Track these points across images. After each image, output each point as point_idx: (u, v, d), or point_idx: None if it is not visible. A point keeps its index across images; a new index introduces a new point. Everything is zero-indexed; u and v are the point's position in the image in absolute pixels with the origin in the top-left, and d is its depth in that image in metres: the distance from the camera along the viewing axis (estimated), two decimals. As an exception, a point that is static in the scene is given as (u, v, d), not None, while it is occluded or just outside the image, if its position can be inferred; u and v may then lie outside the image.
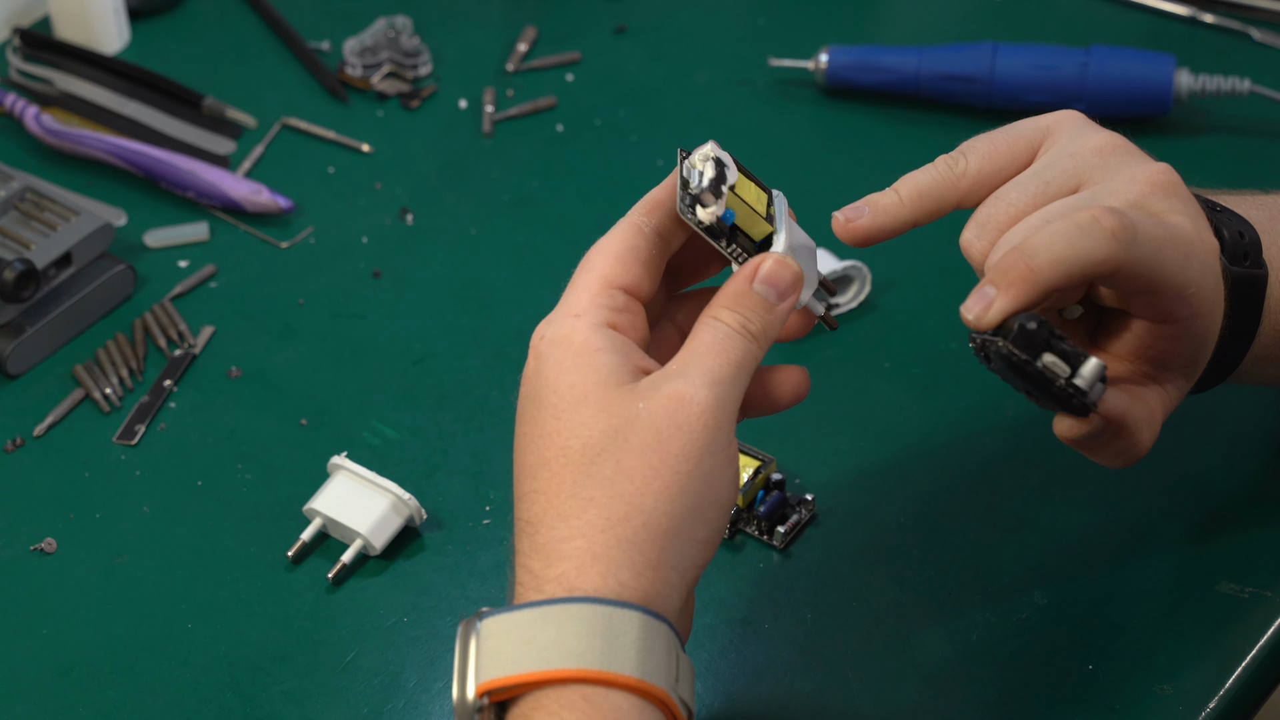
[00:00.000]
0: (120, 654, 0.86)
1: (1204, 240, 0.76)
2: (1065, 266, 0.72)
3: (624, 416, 0.71)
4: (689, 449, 0.71)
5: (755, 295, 0.74)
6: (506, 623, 0.70)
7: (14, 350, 0.99)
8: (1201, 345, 0.77)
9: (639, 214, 0.76)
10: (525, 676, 0.69)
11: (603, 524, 0.70)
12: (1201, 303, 0.76)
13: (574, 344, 0.72)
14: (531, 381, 0.73)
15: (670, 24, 1.24)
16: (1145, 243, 0.73)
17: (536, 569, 0.71)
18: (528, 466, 0.72)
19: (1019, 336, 0.71)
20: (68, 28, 1.20)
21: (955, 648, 0.86)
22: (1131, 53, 1.13)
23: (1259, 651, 0.85)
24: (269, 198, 1.09)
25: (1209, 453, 0.95)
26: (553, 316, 0.74)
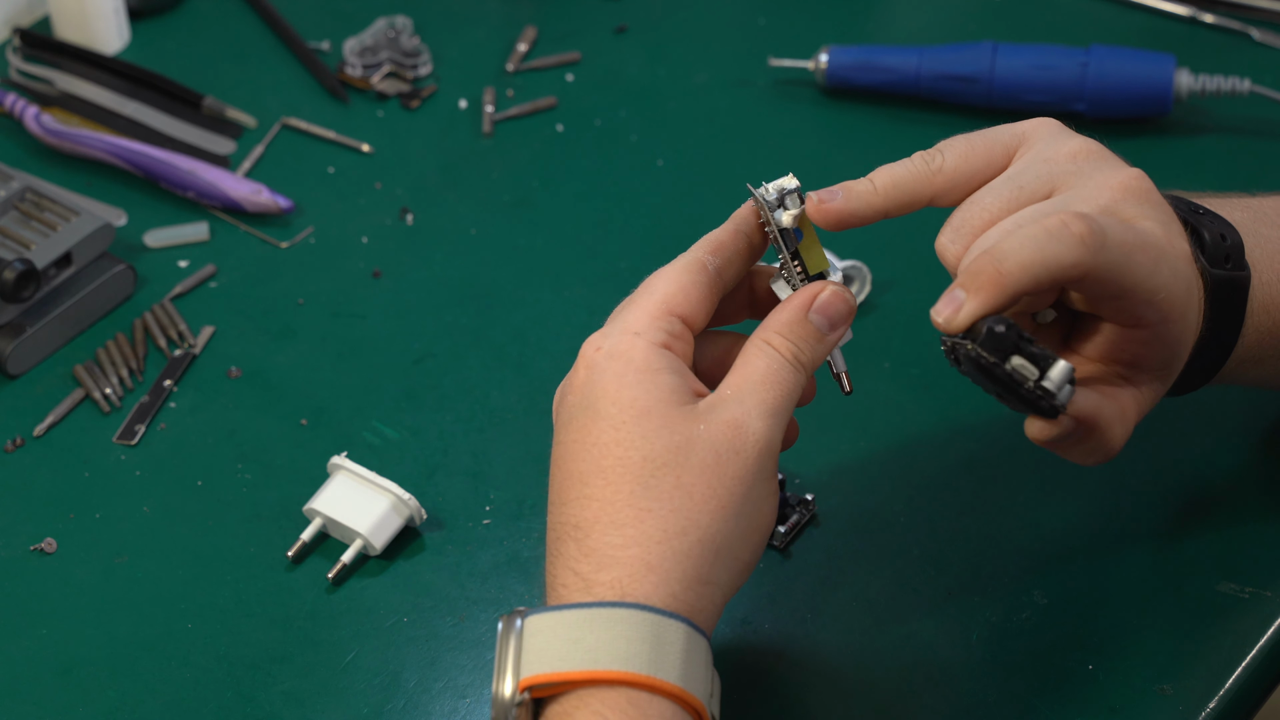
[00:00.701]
0: (120, 654, 0.86)
1: (1174, 246, 0.76)
2: (1034, 271, 0.72)
3: (686, 435, 0.72)
4: (744, 474, 0.73)
5: (809, 324, 0.76)
6: (554, 620, 0.70)
7: (14, 350, 0.99)
8: (1174, 349, 0.77)
9: (703, 250, 0.78)
10: (572, 675, 0.69)
11: (660, 535, 0.72)
12: (1172, 307, 0.76)
13: (635, 360, 0.74)
14: (583, 391, 0.74)
15: (670, 24, 1.24)
16: (1114, 248, 0.73)
17: (586, 572, 0.72)
18: (578, 473, 0.73)
19: (987, 339, 0.72)
20: (68, 28, 1.20)
21: (955, 648, 0.86)
22: (1131, 53, 1.13)
23: (1259, 651, 0.85)
24: (269, 198, 1.09)
25: (1209, 453, 0.95)
26: (608, 331, 0.76)
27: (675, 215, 1.10)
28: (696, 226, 1.08)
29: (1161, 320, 0.76)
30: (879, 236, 1.08)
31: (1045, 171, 0.78)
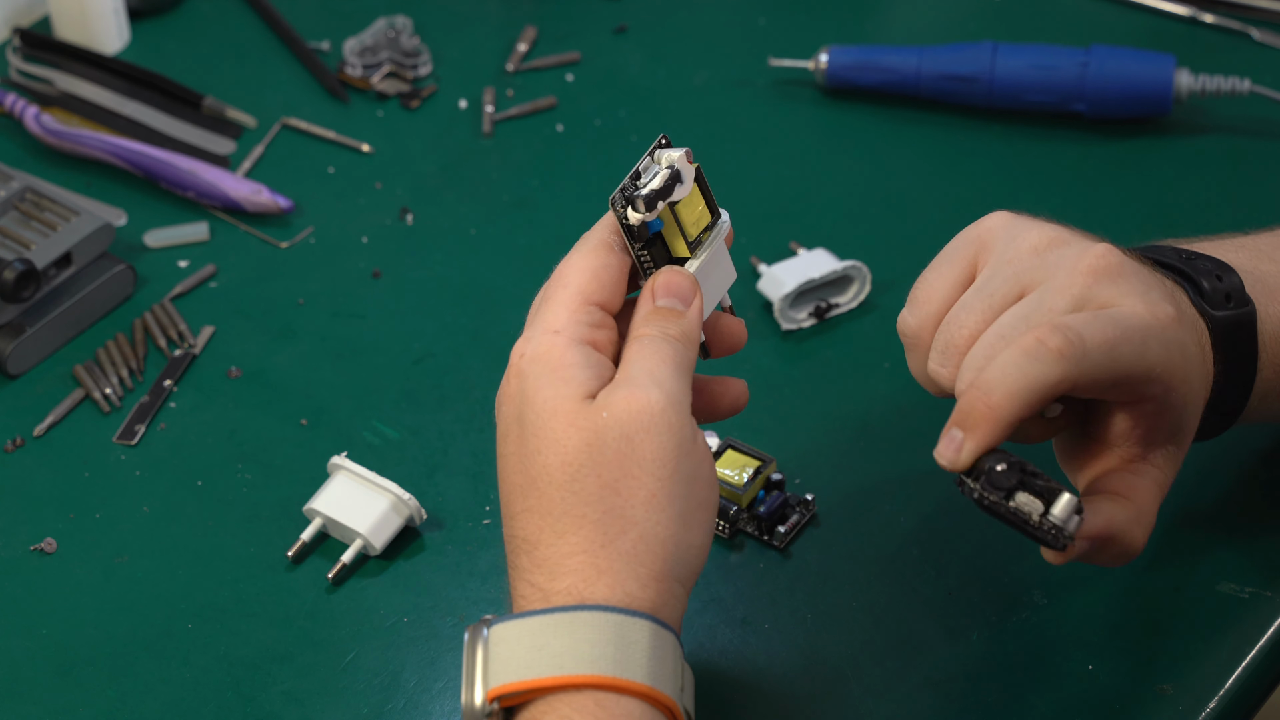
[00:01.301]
0: (120, 654, 0.86)
1: (1158, 315, 0.75)
2: (1023, 397, 0.73)
3: (593, 429, 0.72)
4: (662, 453, 0.72)
5: (662, 309, 0.76)
6: (517, 629, 0.71)
7: (14, 350, 0.99)
8: (1183, 414, 0.77)
9: (607, 230, 0.77)
10: (538, 682, 0.69)
11: (601, 539, 0.71)
12: (1171, 376, 0.75)
13: (553, 360, 0.74)
14: (515, 401, 0.74)
15: (670, 24, 1.24)
16: (1096, 350, 0.73)
17: (540, 582, 0.72)
18: (517, 486, 0.73)
19: (989, 480, 0.73)
20: (68, 28, 1.20)
21: (955, 648, 0.86)
22: (1131, 53, 1.13)
23: (1259, 651, 0.85)
24: (269, 198, 1.09)
25: (1209, 453, 0.95)
26: (530, 334, 0.75)
27: (675, 215, 1.10)
28: (696, 226, 1.09)
29: (1165, 392, 0.76)
30: (879, 237, 1.08)
31: (1011, 273, 0.77)
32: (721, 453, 0.92)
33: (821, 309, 1.02)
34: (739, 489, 0.89)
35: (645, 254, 0.77)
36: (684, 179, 0.76)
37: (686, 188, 0.77)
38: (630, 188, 0.76)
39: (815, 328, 1.02)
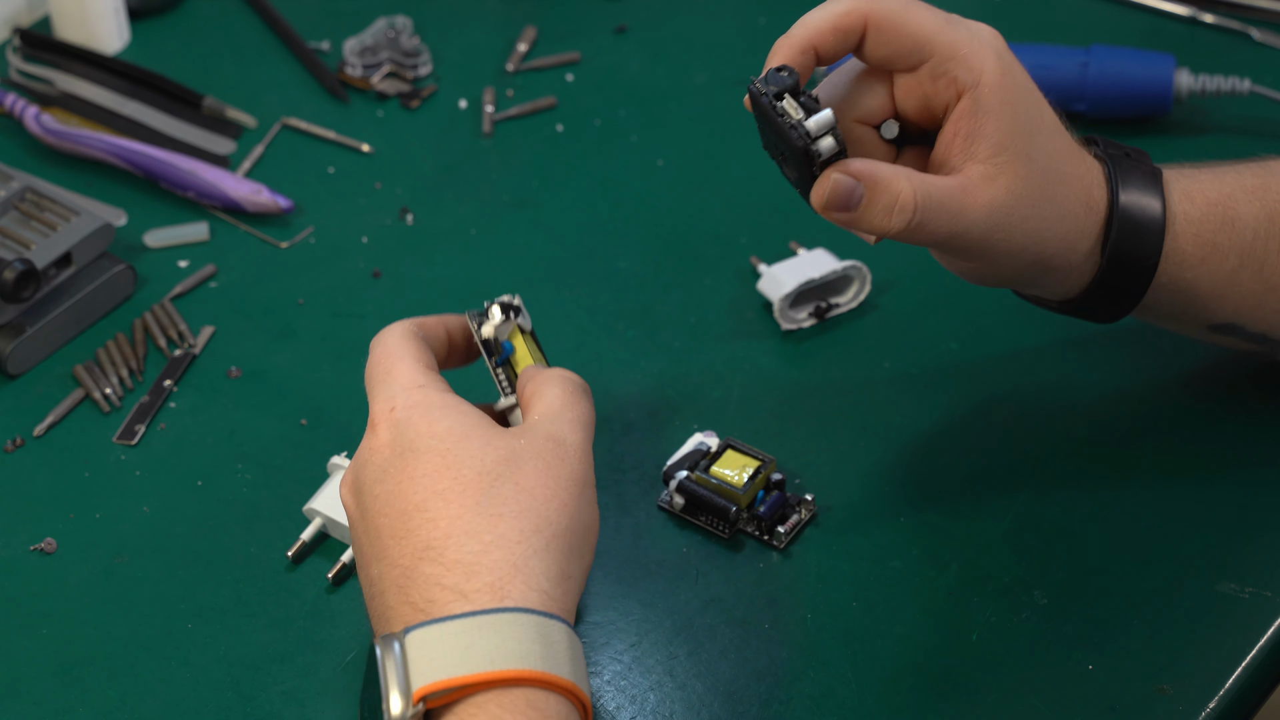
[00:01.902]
0: (120, 654, 0.86)
1: (977, 24, 0.82)
2: (813, 24, 0.79)
3: (510, 449, 0.76)
4: (574, 476, 0.77)
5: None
6: (439, 632, 0.71)
7: (14, 350, 0.99)
8: (998, 121, 0.80)
9: (410, 325, 0.84)
10: (470, 678, 0.70)
11: (517, 535, 0.74)
12: (986, 69, 0.80)
13: (434, 402, 0.78)
14: (393, 445, 0.77)
15: (670, 24, 1.24)
16: (890, 1, 0.79)
17: (454, 583, 0.73)
18: (414, 505, 0.75)
19: (769, 75, 0.79)
20: (68, 28, 1.20)
21: (955, 648, 0.86)
22: (1131, 53, 1.13)
23: (1259, 651, 0.85)
24: (269, 198, 1.09)
25: (1209, 452, 0.95)
26: (392, 397, 0.79)
27: (675, 215, 1.10)
28: (697, 226, 1.09)
29: (978, 81, 0.79)
30: (879, 236, 1.08)
31: None
32: (721, 453, 0.92)
33: (821, 309, 1.02)
34: (739, 489, 0.89)
35: (499, 371, 0.87)
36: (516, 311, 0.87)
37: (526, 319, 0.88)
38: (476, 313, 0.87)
39: (815, 328, 1.02)
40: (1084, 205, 0.83)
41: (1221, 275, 0.86)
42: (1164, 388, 0.97)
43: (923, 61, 0.80)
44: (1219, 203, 0.86)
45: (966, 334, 1.01)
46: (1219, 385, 0.97)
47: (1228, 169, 0.89)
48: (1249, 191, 0.87)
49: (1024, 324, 1.00)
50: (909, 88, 0.81)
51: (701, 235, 1.09)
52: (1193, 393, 0.97)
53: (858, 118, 0.82)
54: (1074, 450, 0.95)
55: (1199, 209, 0.86)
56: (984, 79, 0.79)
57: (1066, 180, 0.82)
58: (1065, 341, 0.99)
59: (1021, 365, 0.99)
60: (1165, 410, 0.97)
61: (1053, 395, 0.98)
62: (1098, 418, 0.96)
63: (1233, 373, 0.97)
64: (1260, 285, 0.87)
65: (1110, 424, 0.96)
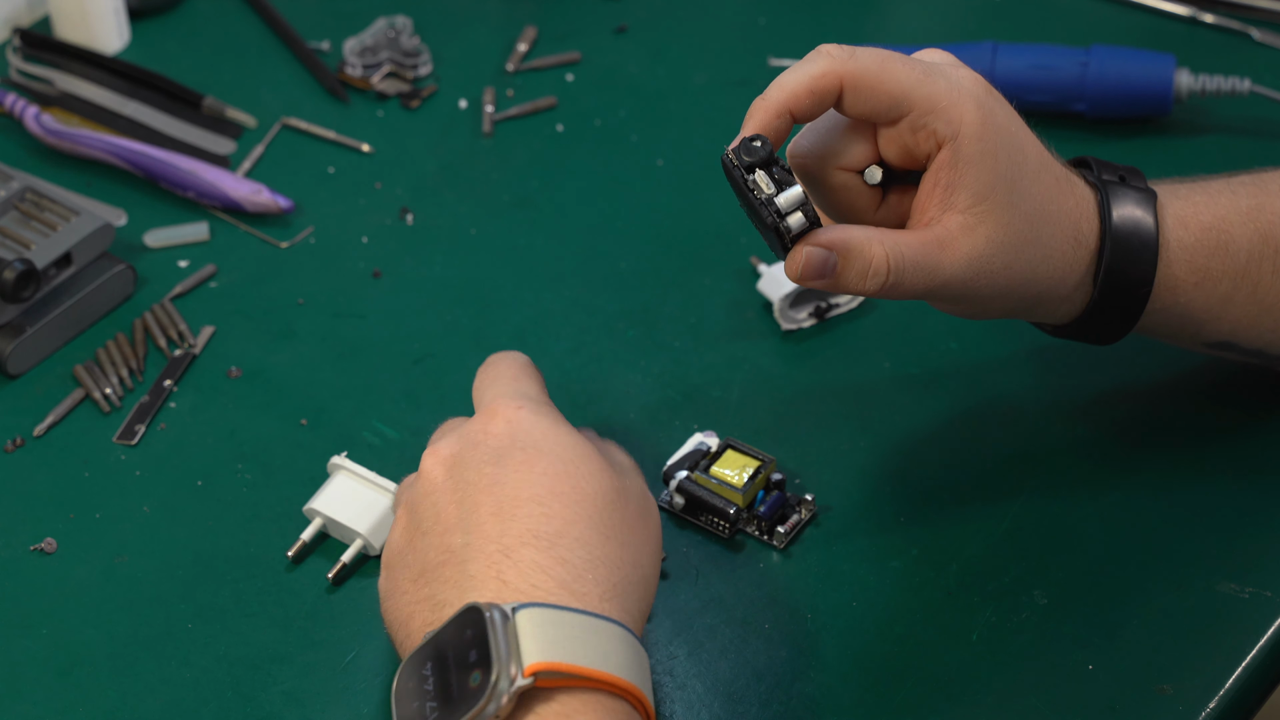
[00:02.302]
0: (120, 654, 0.86)
1: (958, 71, 0.81)
2: (788, 86, 0.79)
3: (621, 484, 0.79)
4: (656, 530, 0.80)
5: None
6: (554, 616, 0.71)
7: (14, 350, 0.99)
8: (978, 171, 0.79)
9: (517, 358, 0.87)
10: (587, 671, 0.70)
11: (618, 560, 0.75)
12: (965, 119, 0.79)
13: (560, 421, 0.80)
14: (512, 435, 0.78)
15: (670, 24, 1.24)
16: (865, 59, 0.79)
17: (561, 578, 0.73)
18: (532, 496, 0.76)
19: (740, 146, 0.79)
20: (68, 28, 1.20)
21: (955, 648, 0.86)
22: (1131, 53, 1.13)
23: (1259, 651, 0.85)
24: (269, 198, 1.09)
25: (1209, 452, 0.95)
26: (519, 396, 0.81)
27: (675, 215, 1.10)
28: (697, 226, 1.09)
29: (957, 132, 0.79)
30: (879, 236, 1.08)
31: None
32: (721, 453, 0.92)
33: (821, 309, 1.02)
34: (739, 489, 0.89)
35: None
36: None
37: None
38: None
39: (815, 328, 1.02)
40: (1072, 240, 0.83)
41: (1216, 299, 0.86)
42: (1164, 388, 0.97)
43: (902, 116, 0.79)
44: (1213, 226, 0.86)
45: (966, 334, 1.01)
46: (1219, 385, 0.97)
47: (1222, 187, 0.88)
48: (1243, 214, 0.86)
49: (1024, 324, 1.00)
50: (890, 138, 0.81)
51: (701, 235, 1.09)
52: (1193, 393, 0.97)
53: (841, 165, 0.82)
54: (1074, 450, 0.95)
55: (1193, 235, 0.85)
56: (963, 130, 0.79)
57: (1052, 219, 0.82)
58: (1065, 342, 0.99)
59: (1021, 365, 0.99)
60: (1165, 410, 0.97)
61: (1053, 395, 0.98)
62: (1098, 418, 0.96)
63: (1233, 373, 0.97)
64: (1255, 307, 0.87)
65: (1110, 424, 0.96)
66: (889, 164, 0.82)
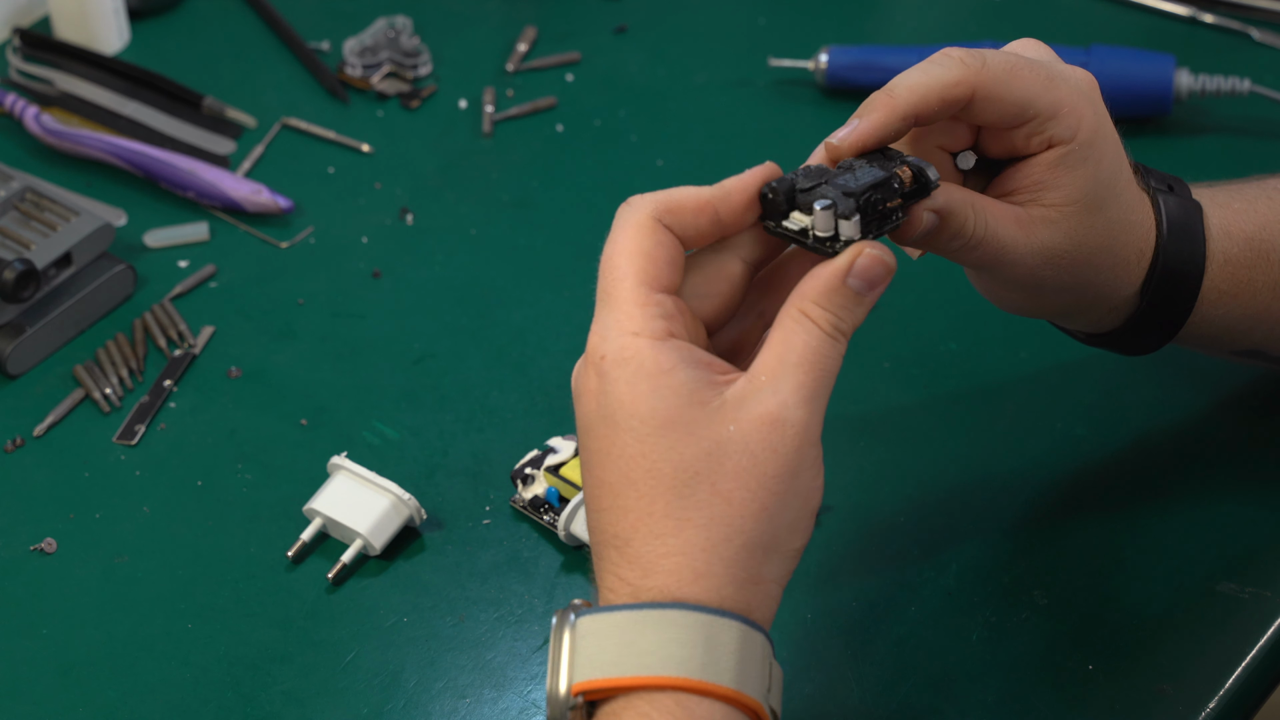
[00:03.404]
0: (120, 654, 0.86)
1: (1076, 71, 0.79)
2: (919, 91, 0.75)
3: (715, 440, 0.69)
4: (784, 469, 0.70)
5: (848, 289, 0.73)
6: (605, 623, 0.69)
7: (14, 350, 0.99)
8: (1079, 176, 0.78)
9: (650, 207, 0.73)
10: (623, 681, 0.68)
11: (703, 543, 0.69)
12: (1083, 125, 0.78)
13: (645, 366, 0.70)
14: (598, 400, 0.71)
15: (670, 24, 1.24)
16: (996, 66, 0.76)
17: (631, 578, 0.70)
18: (607, 483, 0.70)
19: (766, 207, 0.74)
20: (68, 28, 1.20)
21: (955, 648, 0.86)
22: (1131, 53, 1.13)
23: (1259, 651, 0.85)
24: (269, 198, 1.09)
25: (1209, 452, 0.95)
26: (605, 333, 0.71)
27: (675, 215, 1.10)
28: (696, 226, 1.09)
29: (1073, 136, 0.77)
30: (879, 236, 1.08)
31: None
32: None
33: (821, 309, 1.02)
34: None
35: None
36: None
37: None
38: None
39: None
40: (1137, 253, 0.82)
41: (1253, 310, 0.85)
42: (1164, 388, 0.97)
43: (1023, 124, 0.78)
44: (1254, 236, 0.85)
45: (966, 334, 1.01)
46: (1219, 385, 0.97)
47: (1257, 193, 0.87)
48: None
49: (1024, 324, 1.00)
50: (997, 134, 0.79)
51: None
52: (1193, 393, 0.97)
53: (939, 144, 0.80)
54: (1074, 450, 0.95)
55: (1237, 246, 0.84)
56: (1078, 136, 0.78)
57: (1129, 229, 0.81)
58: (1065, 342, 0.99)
59: (1021, 365, 0.99)
60: (1165, 410, 0.97)
61: (1052, 395, 0.98)
62: (1097, 417, 0.96)
63: (1234, 373, 0.97)
64: None
65: (1110, 424, 0.96)
66: (984, 152, 0.81)
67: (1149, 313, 0.83)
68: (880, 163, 0.74)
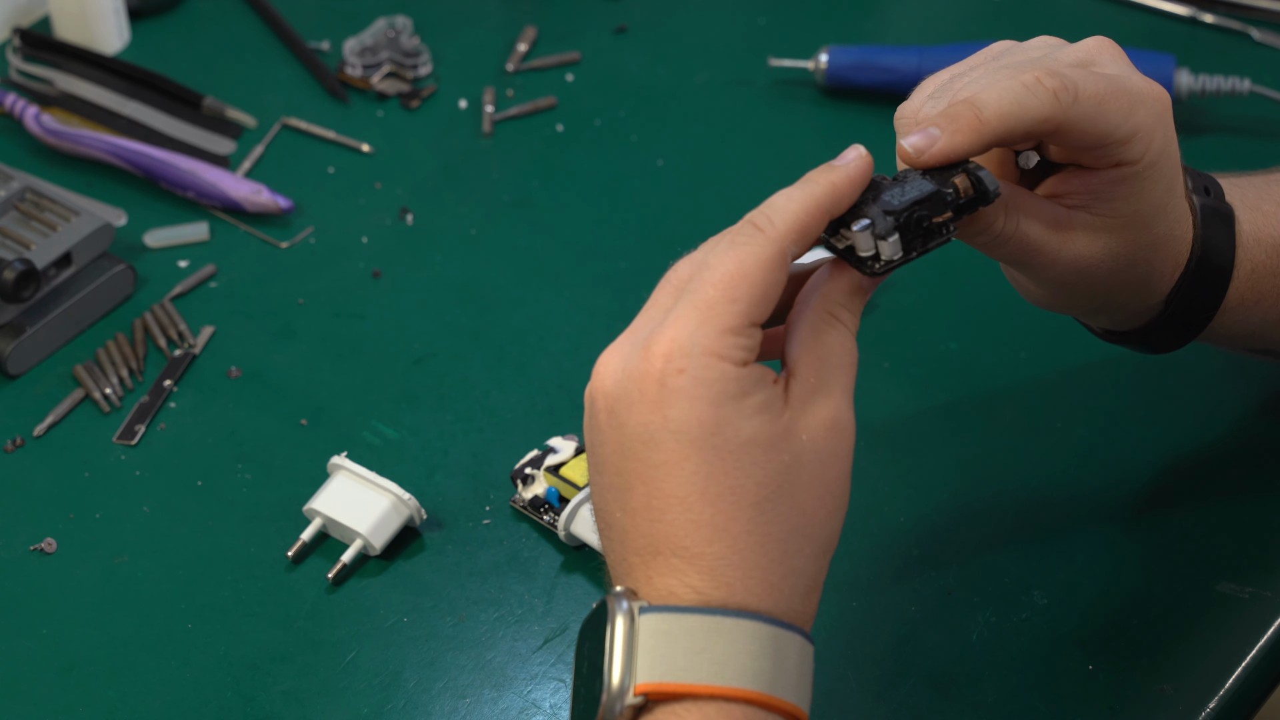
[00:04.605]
0: (120, 654, 0.86)
1: (1153, 88, 0.77)
2: (1010, 121, 0.73)
3: (793, 453, 0.69)
4: (844, 472, 0.71)
5: (865, 292, 0.74)
6: (676, 624, 0.68)
7: (14, 350, 0.99)
8: (1135, 194, 0.77)
9: (789, 239, 0.71)
10: (697, 688, 0.67)
11: (781, 556, 0.69)
12: (1151, 147, 0.76)
13: (728, 389, 0.69)
14: (663, 411, 0.69)
15: (670, 24, 1.24)
16: (1086, 100, 0.74)
17: (703, 588, 0.69)
18: (678, 496, 0.69)
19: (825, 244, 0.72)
20: (68, 28, 1.20)
21: (955, 648, 0.86)
22: (1131, 53, 1.13)
23: (1259, 651, 0.85)
24: (269, 198, 1.09)
25: (1209, 452, 0.95)
26: (690, 349, 0.69)
27: (675, 215, 1.10)
28: (697, 226, 1.08)
29: (1141, 158, 0.76)
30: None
31: (1021, 52, 0.80)
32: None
33: (821, 309, 1.02)
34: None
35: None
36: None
37: None
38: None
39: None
40: (1174, 265, 0.81)
41: (1273, 315, 0.85)
42: (1164, 388, 0.97)
43: (1099, 150, 0.76)
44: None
45: (966, 334, 1.01)
46: (1219, 385, 0.97)
47: None
48: None
49: (1024, 323, 1.00)
50: (1060, 153, 0.78)
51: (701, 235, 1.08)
52: (1193, 393, 0.97)
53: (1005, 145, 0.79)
54: (1074, 450, 0.95)
55: (1264, 253, 0.84)
56: (1146, 158, 0.77)
57: (1172, 244, 0.81)
58: (1065, 341, 0.99)
59: (1021, 364, 0.99)
60: (1165, 410, 0.97)
61: (1052, 395, 0.98)
62: (1097, 417, 0.96)
63: (1234, 374, 0.97)
64: None
65: (1110, 423, 0.96)
66: (1047, 154, 0.80)
67: (1171, 317, 0.83)
68: (937, 172, 0.73)
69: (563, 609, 0.88)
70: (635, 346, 0.71)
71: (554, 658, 0.86)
